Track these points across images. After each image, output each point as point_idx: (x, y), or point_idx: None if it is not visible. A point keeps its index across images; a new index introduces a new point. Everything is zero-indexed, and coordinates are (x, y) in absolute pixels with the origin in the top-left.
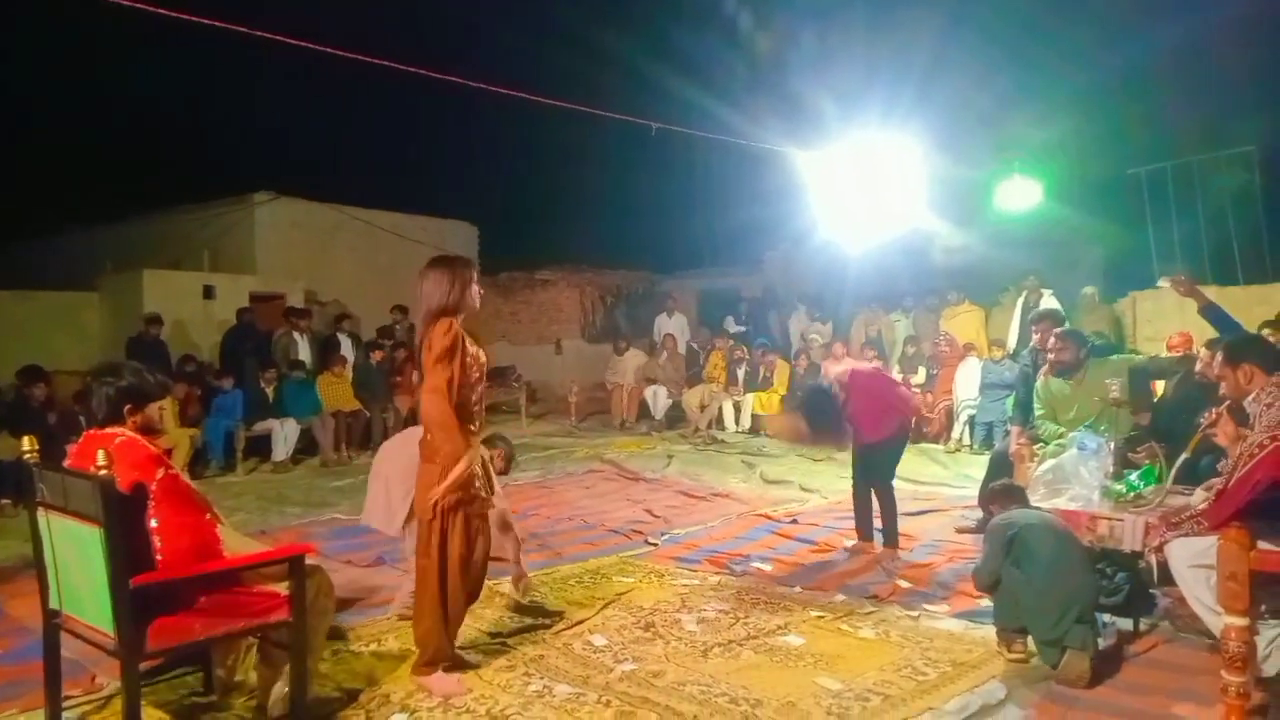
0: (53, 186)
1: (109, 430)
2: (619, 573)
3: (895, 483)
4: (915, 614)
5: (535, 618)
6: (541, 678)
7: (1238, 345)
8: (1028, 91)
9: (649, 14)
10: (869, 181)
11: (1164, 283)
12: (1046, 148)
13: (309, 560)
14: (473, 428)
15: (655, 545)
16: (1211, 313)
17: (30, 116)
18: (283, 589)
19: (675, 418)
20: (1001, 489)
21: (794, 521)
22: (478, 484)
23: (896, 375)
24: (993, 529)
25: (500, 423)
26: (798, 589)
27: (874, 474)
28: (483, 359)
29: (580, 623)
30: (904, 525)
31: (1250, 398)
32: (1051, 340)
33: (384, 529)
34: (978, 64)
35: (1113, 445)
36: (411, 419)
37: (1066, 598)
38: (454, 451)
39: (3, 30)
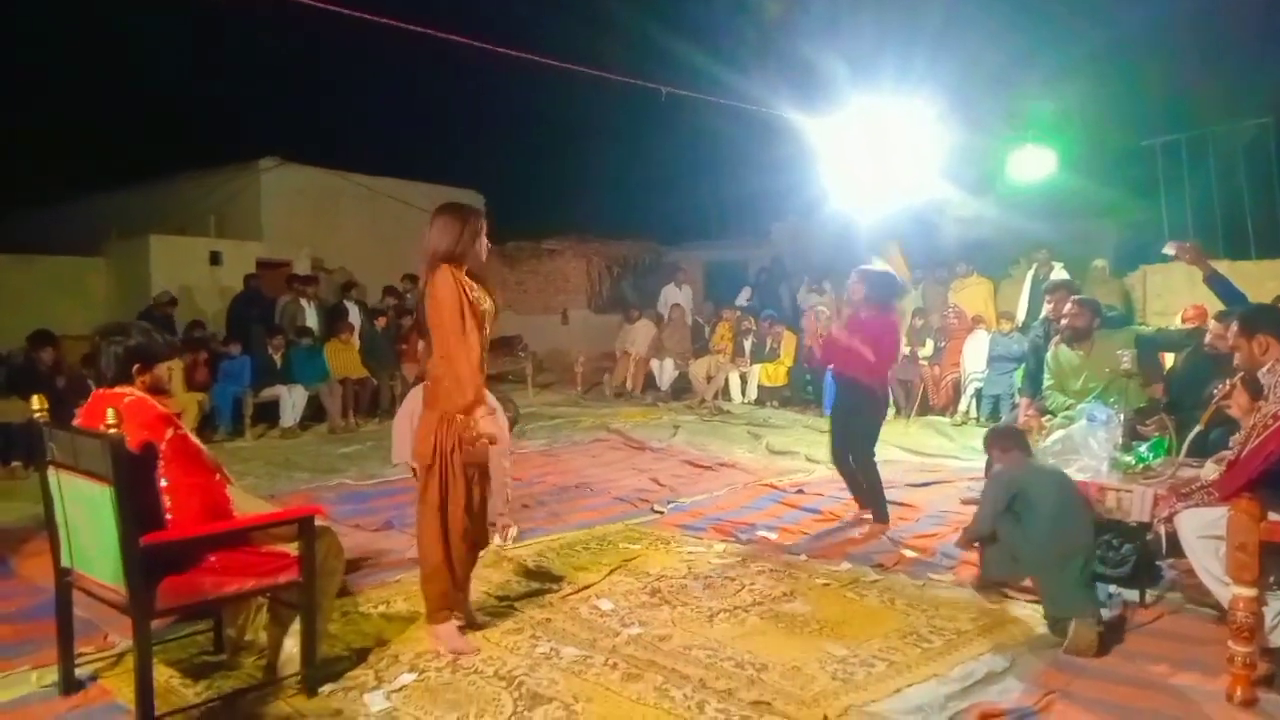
0: (59, 152)
1: (118, 390)
2: (625, 540)
3: (900, 454)
4: (920, 582)
5: (542, 582)
6: (549, 640)
7: (1253, 316)
8: (1042, 59)
9: None
10: (879, 150)
11: (1170, 249)
12: (1060, 117)
13: (319, 522)
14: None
15: (661, 513)
16: (1217, 283)
17: (36, 83)
18: (292, 550)
19: (681, 389)
20: (1005, 432)
21: (800, 491)
22: (474, 432)
23: (904, 348)
24: (995, 481)
25: (507, 392)
26: (803, 557)
27: (854, 443)
28: (487, 306)
29: (587, 587)
30: (909, 496)
31: (1265, 369)
32: (1068, 305)
33: (410, 461)
34: (991, 29)
35: (1122, 417)
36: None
37: (1068, 551)
38: (463, 404)
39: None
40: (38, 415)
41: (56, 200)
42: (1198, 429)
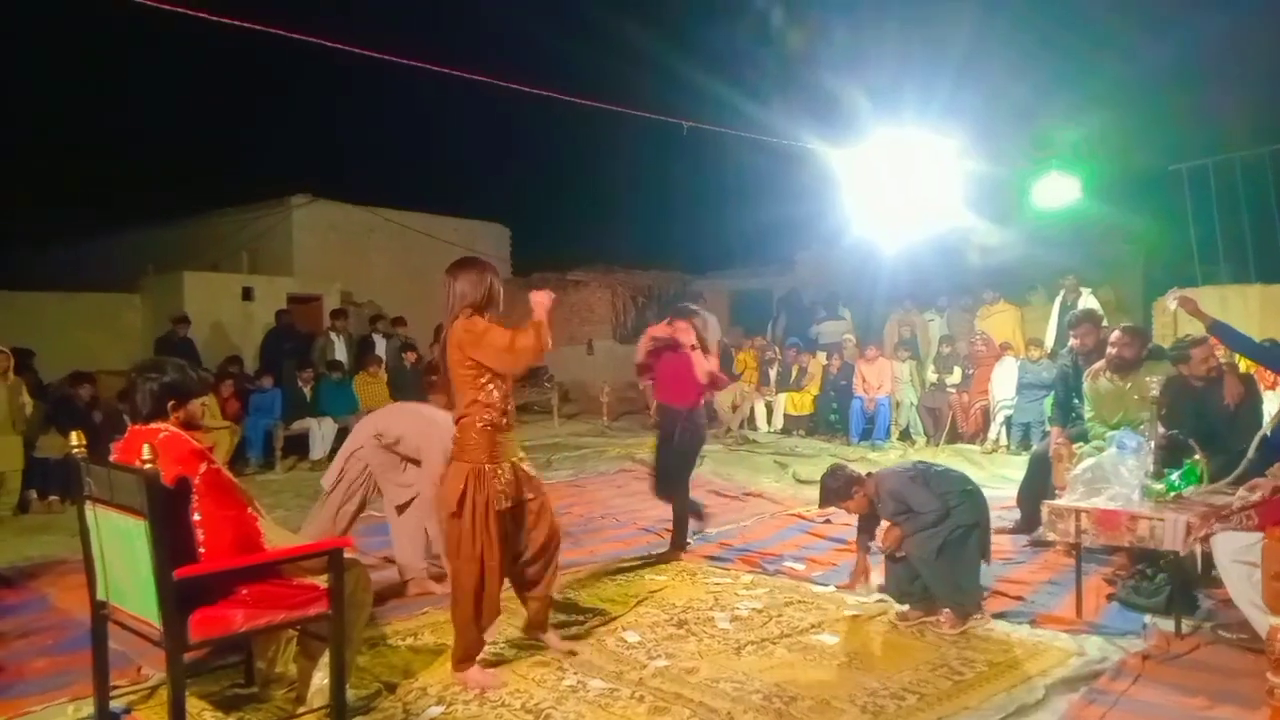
0: (97, 191)
1: (153, 425)
2: (651, 571)
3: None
4: None
5: (568, 614)
6: (575, 673)
7: None
8: (1066, 85)
9: (680, 12)
10: (903, 179)
11: (1171, 301)
12: (1085, 142)
13: (347, 554)
14: (505, 424)
15: (687, 544)
16: (1220, 330)
17: (77, 125)
18: (322, 582)
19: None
20: (834, 489)
21: (827, 521)
22: (503, 483)
23: (931, 375)
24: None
25: (533, 422)
26: (831, 588)
27: (675, 469)
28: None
29: (613, 619)
30: None
31: None
32: (1115, 334)
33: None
34: (1014, 57)
35: (1152, 444)
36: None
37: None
38: (538, 344)
39: (47, 38)
40: (76, 451)
41: (94, 238)
42: (1263, 433)
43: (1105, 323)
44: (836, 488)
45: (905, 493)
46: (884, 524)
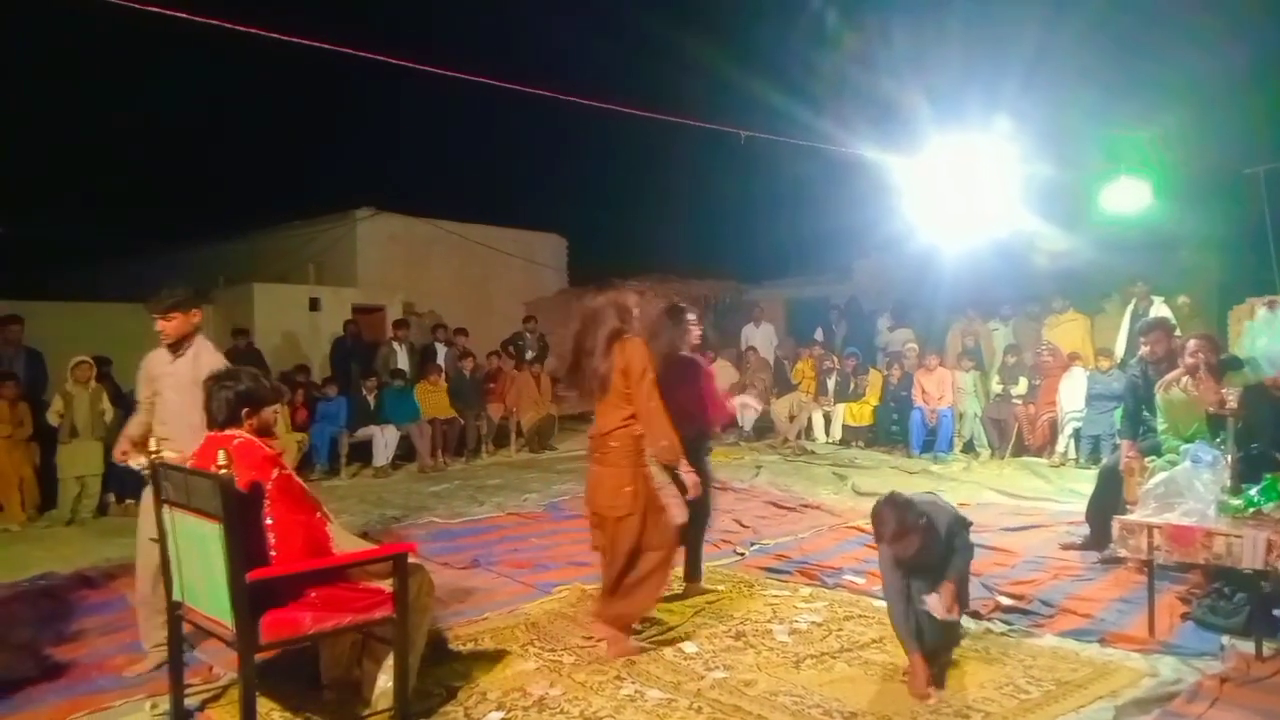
0: (171, 206)
1: (228, 432)
2: (708, 581)
3: (995, 497)
4: (1017, 631)
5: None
6: (633, 682)
7: None
8: (1138, 85)
9: (737, 20)
10: (965, 185)
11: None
12: (1156, 147)
13: (410, 559)
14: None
15: (743, 555)
16: None
17: (151, 143)
18: (387, 585)
19: (763, 428)
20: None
21: None
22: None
23: (996, 386)
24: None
25: (585, 431)
26: None
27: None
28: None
29: (670, 629)
30: (1005, 540)
31: None
32: (1191, 343)
33: None
34: (1085, 64)
35: (1229, 458)
36: (504, 426)
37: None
38: (675, 456)
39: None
40: (154, 456)
41: (169, 251)
42: None
43: (1178, 332)
44: (901, 520)
45: (955, 531)
46: (945, 586)
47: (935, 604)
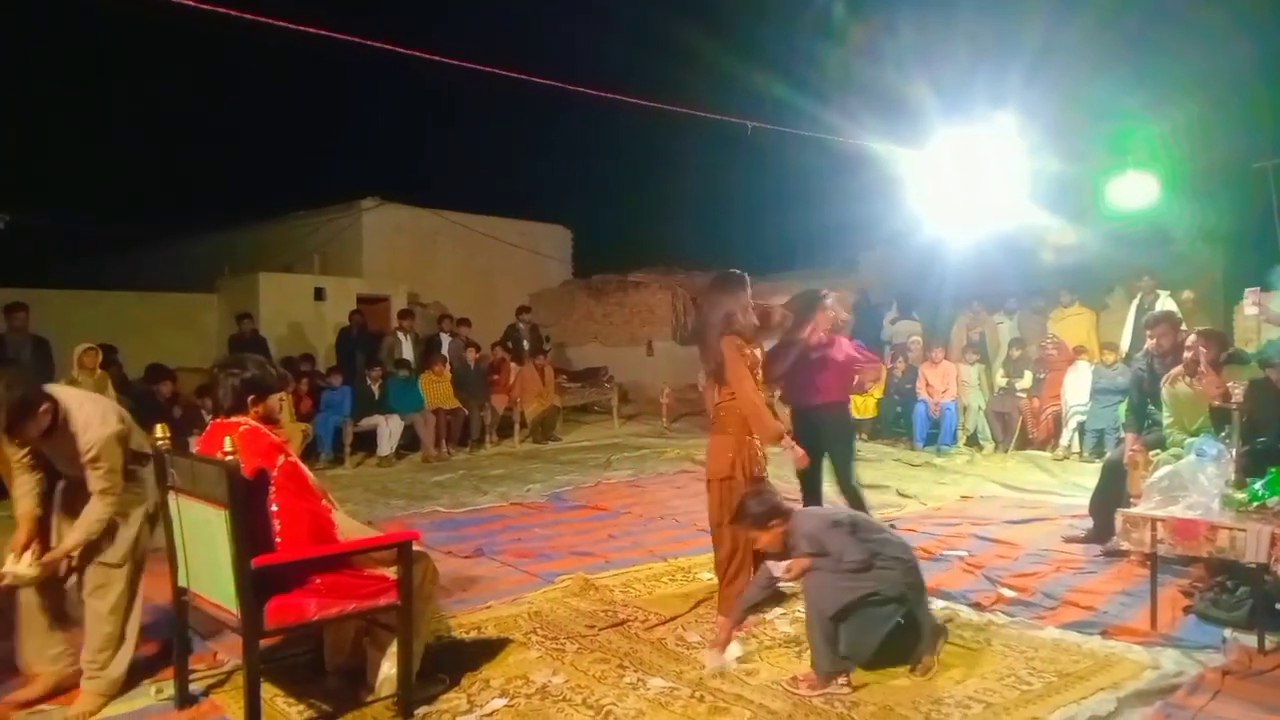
0: (176, 196)
1: (234, 419)
2: (710, 571)
3: (999, 490)
4: (1018, 623)
5: (629, 612)
6: (635, 670)
7: None
8: (1146, 78)
9: (742, 12)
10: (971, 178)
11: (1251, 308)
12: (1164, 139)
13: (415, 547)
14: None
15: None
16: None
17: (155, 132)
18: (391, 573)
19: None
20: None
21: (891, 526)
22: (761, 453)
23: (1000, 379)
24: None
25: (592, 423)
26: None
27: (839, 475)
28: (756, 355)
29: (673, 618)
30: (1008, 533)
31: None
32: (1191, 338)
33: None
34: (1092, 58)
35: (1234, 452)
36: (508, 417)
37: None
38: (775, 436)
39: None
40: (160, 443)
41: (174, 241)
42: None
43: (1184, 325)
44: (756, 514)
45: (824, 538)
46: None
47: (776, 566)
